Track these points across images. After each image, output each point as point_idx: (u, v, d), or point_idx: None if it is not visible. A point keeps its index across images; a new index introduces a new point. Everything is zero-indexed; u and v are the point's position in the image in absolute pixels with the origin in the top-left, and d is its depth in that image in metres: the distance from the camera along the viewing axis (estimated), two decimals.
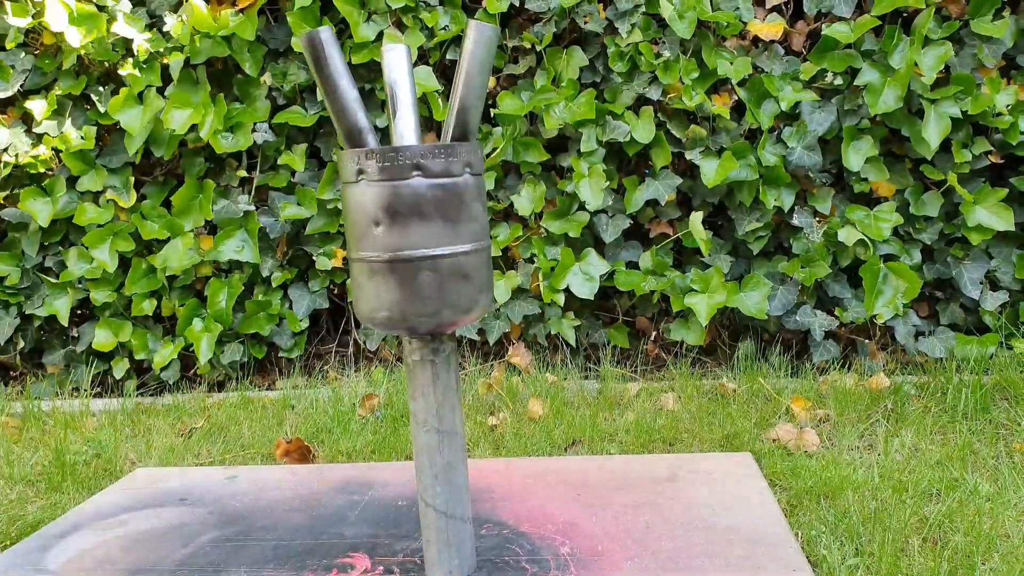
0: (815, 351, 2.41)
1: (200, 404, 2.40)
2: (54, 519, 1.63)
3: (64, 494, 1.84)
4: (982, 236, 2.32)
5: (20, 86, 2.54)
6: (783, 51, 2.41)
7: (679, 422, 2.06)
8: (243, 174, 2.58)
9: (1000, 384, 2.14)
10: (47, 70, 2.53)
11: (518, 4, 2.44)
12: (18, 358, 2.72)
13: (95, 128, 2.53)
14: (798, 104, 2.37)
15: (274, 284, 2.59)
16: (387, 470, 1.76)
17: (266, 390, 2.56)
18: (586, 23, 2.43)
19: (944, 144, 2.33)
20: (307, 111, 2.53)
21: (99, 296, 2.58)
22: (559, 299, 2.44)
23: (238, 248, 2.54)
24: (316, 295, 2.61)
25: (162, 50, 2.47)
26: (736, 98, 2.41)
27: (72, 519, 1.58)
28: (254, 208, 2.56)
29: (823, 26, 2.37)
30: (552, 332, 2.51)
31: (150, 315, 2.61)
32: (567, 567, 1.28)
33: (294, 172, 2.58)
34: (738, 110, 2.45)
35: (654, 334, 2.58)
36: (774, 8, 2.42)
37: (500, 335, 2.54)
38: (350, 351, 2.69)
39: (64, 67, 2.48)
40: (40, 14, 2.41)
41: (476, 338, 2.55)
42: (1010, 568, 1.32)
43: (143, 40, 2.45)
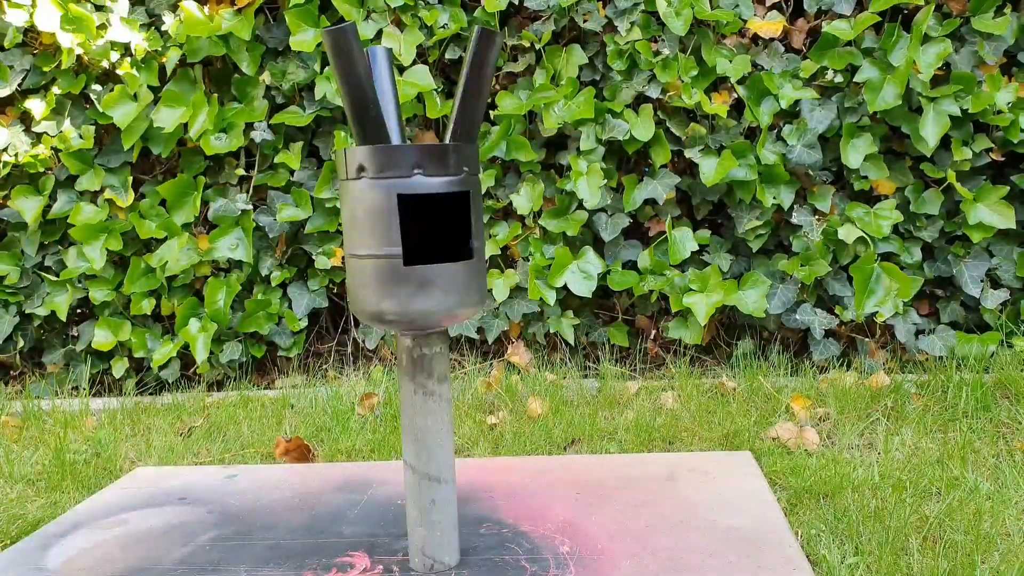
0: (815, 349, 2.40)
1: (199, 403, 2.39)
2: (54, 518, 1.63)
3: (64, 493, 1.84)
4: (983, 234, 2.32)
5: (18, 85, 2.54)
6: (783, 49, 2.41)
7: (679, 421, 2.05)
8: (241, 172, 2.58)
9: (1001, 382, 2.14)
10: (46, 69, 2.52)
11: (517, 2, 2.44)
12: (18, 357, 2.72)
13: (93, 127, 2.53)
14: (798, 102, 2.36)
15: (273, 283, 2.59)
16: (386, 469, 1.75)
17: (265, 389, 2.56)
18: (585, 21, 2.42)
19: (945, 141, 2.33)
20: (305, 110, 2.52)
21: (98, 295, 2.57)
22: (549, 297, 2.43)
23: (232, 246, 2.54)
24: (315, 294, 2.61)
25: (159, 49, 2.47)
26: (736, 96, 2.41)
27: (72, 518, 1.58)
28: (251, 207, 2.56)
29: (823, 23, 2.37)
30: (551, 331, 2.51)
31: (149, 314, 2.61)
32: (566, 566, 1.28)
33: (293, 171, 2.58)
34: (738, 108, 2.45)
35: (653, 333, 2.58)
36: (774, 5, 2.42)
37: (499, 334, 2.54)
38: (349, 350, 2.69)
39: (63, 66, 2.47)
40: (32, 14, 2.41)
41: (475, 337, 2.55)
42: (1010, 567, 1.32)
43: (140, 39, 2.45)
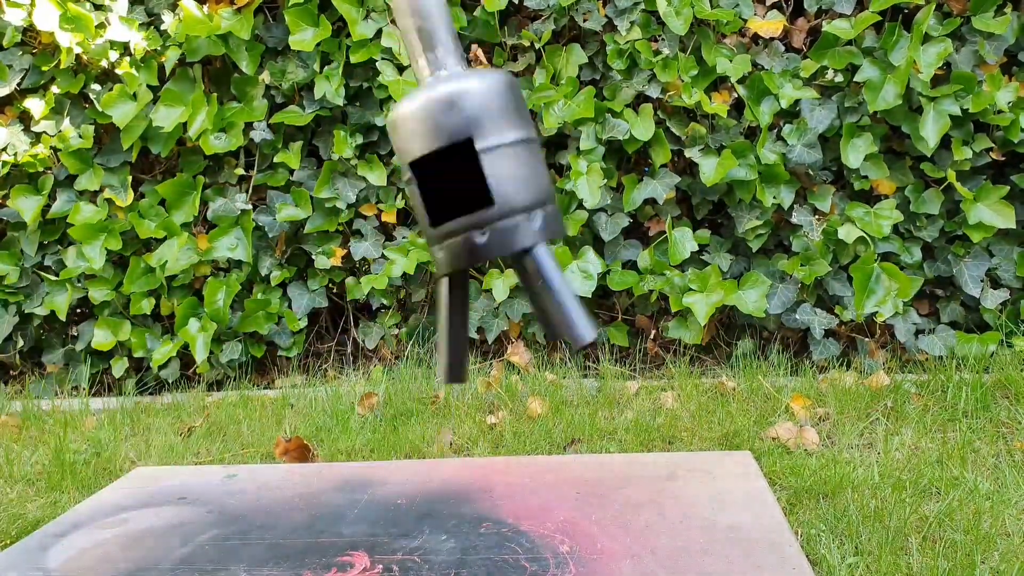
0: (815, 349, 2.40)
1: (199, 403, 2.39)
2: (54, 518, 1.62)
3: (64, 493, 1.84)
4: (983, 234, 2.31)
5: (17, 85, 2.54)
6: (783, 48, 2.41)
7: (678, 420, 2.05)
8: (241, 172, 2.58)
9: (1001, 382, 2.14)
10: (45, 68, 2.52)
11: (517, 1, 2.43)
12: (17, 357, 2.72)
13: (93, 127, 2.53)
14: (798, 101, 2.36)
15: (273, 283, 2.58)
16: (386, 469, 1.75)
17: (265, 389, 2.55)
18: (585, 20, 2.42)
19: (945, 141, 2.33)
20: (304, 110, 2.52)
21: (97, 295, 2.57)
22: None
23: (232, 246, 2.54)
24: (315, 294, 2.61)
25: (158, 48, 2.47)
26: (736, 95, 2.40)
27: (71, 518, 1.57)
28: (251, 207, 2.56)
29: (823, 23, 2.37)
30: None
31: (148, 314, 2.61)
32: (566, 565, 1.28)
33: (292, 171, 2.58)
34: (738, 108, 2.44)
35: (653, 332, 2.58)
36: (774, 5, 2.41)
37: (499, 333, 2.54)
38: (349, 350, 2.69)
39: (62, 66, 2.47)
40: (31, 13, 2.41)
41: (475, 336, 2.55)
42: (1010, 567, 1.32)
43: (139, 39, 2.44)
